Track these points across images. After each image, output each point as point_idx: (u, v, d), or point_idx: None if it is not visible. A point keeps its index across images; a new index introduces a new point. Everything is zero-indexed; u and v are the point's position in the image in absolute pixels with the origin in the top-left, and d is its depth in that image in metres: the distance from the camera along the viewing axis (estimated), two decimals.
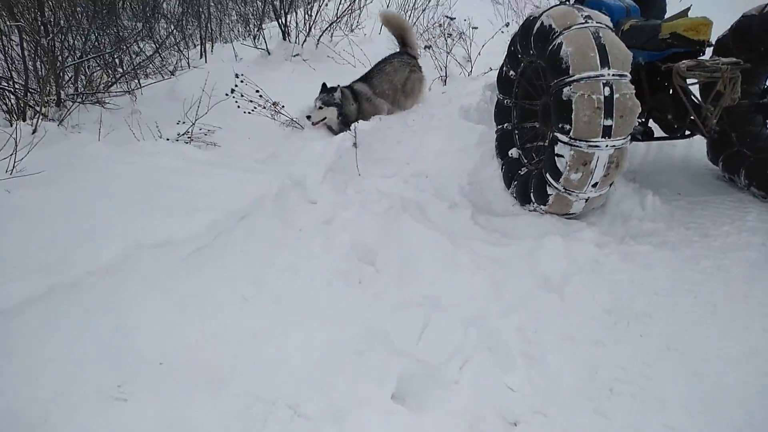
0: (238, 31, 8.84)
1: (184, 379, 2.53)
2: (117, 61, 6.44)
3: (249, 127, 5.22)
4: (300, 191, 4.12)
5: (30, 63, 5.27)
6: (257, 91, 5.27)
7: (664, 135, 4.48)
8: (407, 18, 7.88)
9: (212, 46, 7.59)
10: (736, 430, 2.41)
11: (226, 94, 5.19)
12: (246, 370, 2.60)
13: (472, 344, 2.79)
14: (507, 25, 6.81)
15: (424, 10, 7.97)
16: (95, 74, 6.09)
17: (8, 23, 5.65)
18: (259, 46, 7.13)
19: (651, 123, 4.52)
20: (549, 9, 3.90)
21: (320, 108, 5.29)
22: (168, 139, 4.86)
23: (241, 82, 5.29)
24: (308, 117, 5.29)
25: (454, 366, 2.64)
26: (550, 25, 3.72)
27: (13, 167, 3.78)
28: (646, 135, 4.48)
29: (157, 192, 3.83)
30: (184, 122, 5.11)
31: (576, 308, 3.09)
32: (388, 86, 5.72)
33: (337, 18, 7.37)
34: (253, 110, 5.25)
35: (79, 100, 5.46)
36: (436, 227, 3.76)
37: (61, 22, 5.59)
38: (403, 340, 2.75)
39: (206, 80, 5.43)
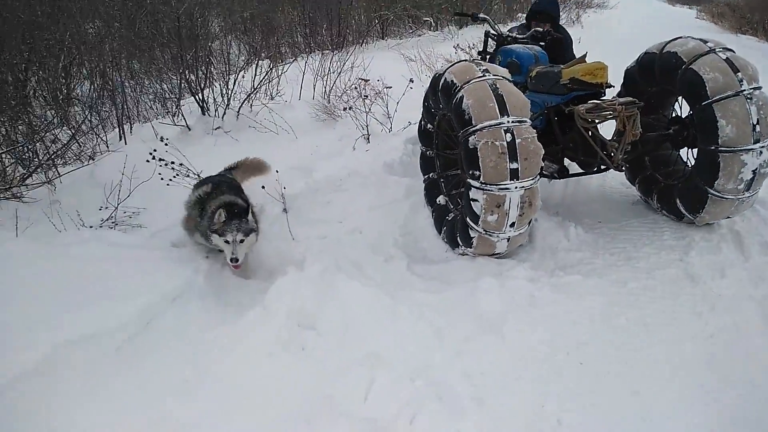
0: (157, 110, 8.78)
1: None
2: (31, 153, 6.24)
3: (175, 203, 5.12)
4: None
5: None
6: (180, 164, 5.21)
7: (579, 171, 4.75)
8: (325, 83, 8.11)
9: (131, 126, 7.49)
10: None
11: (147, 161, 5.07)
12: None
13: (421, 396, 2.78)
14: (411, 81, 7.12)
15: (339, 74, 8.23)
16: (8, 168, 5.87)
17: None
18: (178, 123, 7.12)
19: (567, 161, 4.80)
20: (452, 65, 4.15)
21: (242, 241, 3.76)
22: (91, 227, 4.70)
23: (166, 144, 5.26)
24: (234, 260, 3.74)
25: (403, 421, 2.62)
26: (452, 80, 3.96)
27: None
28: (562, 173, 4.75)
29: (84, 283, 3.65)
30: (106, 207, 4.98)
31: (517, 346, 3.16)
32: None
33: (255, 89, 7.48)
34: (175, 177, 5.10)
35: None
36: (373, 282, 3.79)
37: None
38: (349, 402, 2.71)
39: (125, 163, 5.34)
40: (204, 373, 3.11)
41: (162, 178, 5.04)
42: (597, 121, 4.26)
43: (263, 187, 4.74)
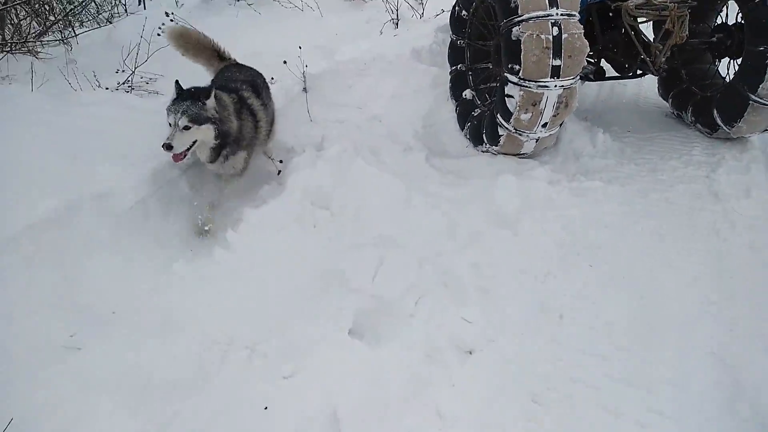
0: None
1: (137, 326, 2.48)
2: (47, 8, 6.01)
3: (192, 73, 4.98)
4: None
5: None
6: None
7: (615, 75, 4.52)
8: None
9: None
10: (677, 349, 2.53)
11: (158, 34, 4.89)
12: (201, 316, 2.55)
13: (428, 280, 2.81)
14: None
15: None
16: (24, 22, 5.69)
17: None
18: None
19: (603, 63, 4.55)
20: None
21: (186, 128, 3.05)
22: (107, 88, 4.61)
23: (171, 20, 5.02)
24: (167, 146, 3.00)
25: (409, 301, 2.67)
26: None
27: None
28: (598, 75, 4.51)
29: (99, 142, 3.64)
30: (123, 71, 4.86)
31: (528, 243, 3.15)
32: (271, 106, 3.86)
33: None
34: None
35: (8, 49, 5.10)
36: (390, 170, 3.73)
37: None
38: (358, 278, 2.74)
39: (144, 26, 5.13)
40: (213, 241, 3.16)
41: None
42: (645, 19, 3.97)
43: (285, 62, 4.57)
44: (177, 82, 3.25)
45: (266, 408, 2.14)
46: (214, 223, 3.28)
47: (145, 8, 6.65)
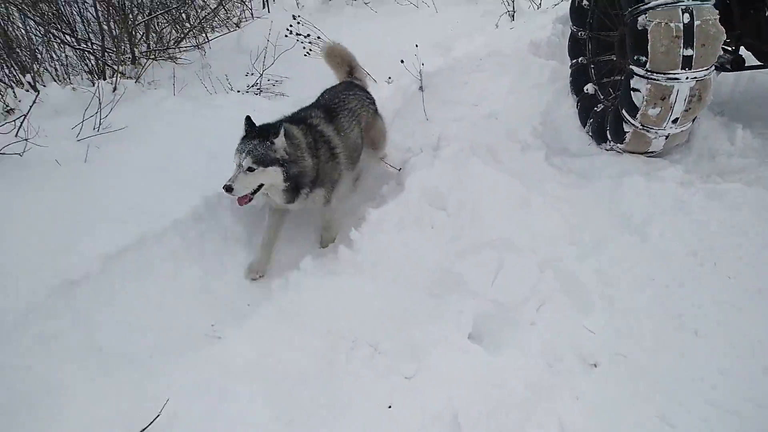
0: None
1: (270, 319, 2.66)
2: (184, 16, 6.54)
3: (315, 74, 5.20)
4: None
5: (104, 24, 5.44)
6: (318, 37, 5.23)
7: (757, 63, 4.12)
8: None
9: None
10: None
11: (285, 35, 5.17)
12: (327, 311, 2.69)
13: (549, 286, 2.76)
14: None
15: None
16: (165, 31, 6.23)
17: None
18: None
19: (742, 50, 4.16)
20: None
21: (250, 170, 2.90)
22: (238, 91, 4.95)
23: (298, 23, 5.26)
24: (227, 188, 2.87)
25: (530, 308, 2.64)
26: None
27: (99, 124, 3.98)
28: (736, 64, 4.13)
29: (232, 144, 3.93)
30: (252, 74, 5.18)
31: (658, 250, 2.98)
32: (356, 134, 3.57)
33: None
34: (309, 52, 5.20)
35: (152, 57, 5.62)
36: (508, 170, 3.68)
37: None
38: (477, 282, 2.76)
39: (270, 30, 5.42)
40: (338, 238, 3.30)
41: (304, 47, 5.13)
42: None
43: (402, 61, 4.64)
44: (248, 118, 3.06)
45: (390, 407, 2.23)
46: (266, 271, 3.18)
47: (269, 11, 7.00)
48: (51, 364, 2.47)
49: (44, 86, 4.78)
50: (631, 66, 3.45)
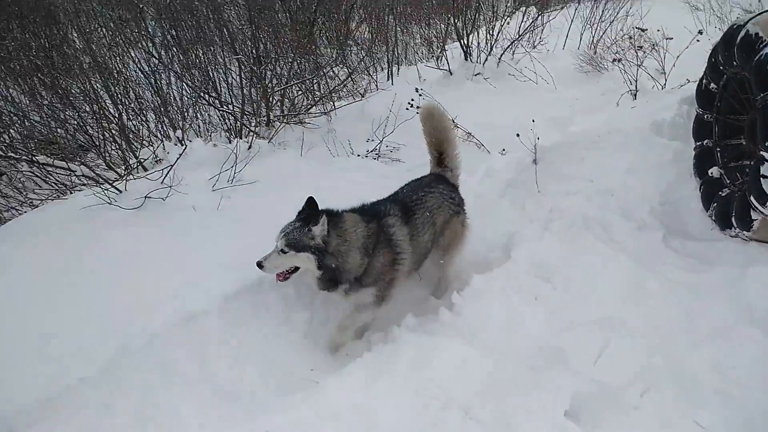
0: (422, 54, 9.27)
1: (368, 369, 2.74)
2: (315, 85, 7.16)
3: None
4: (479, 204, 4.20)
5: (246, 89, 6.11)
6: None
7: None
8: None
9: (398, 68, 8.07)
10: None
11: (407, 108, 5.48)
12: (421, 371, 2.72)
13: (657, 373, 2.62)
14: (700, 32, 6.22)
15: (611, 23, 7.63)
16: (297, 98, 6.85)
17: (229, 56, 6.62)
18: (441, 67, 7.42)
19: None
20: (756, 15, 3.54)
21: (282, 252, 2.94)
22: (359, 155, 5.29)
23: (420, 95, 5.55)
24: (259, 265, 2.95)
25: (634, 392, 2.51)
26: (757, 34, 3.38)
27: (233, 177, 4.43)
28: None
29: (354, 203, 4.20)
30: (372, 140, 5.53)
31: None
32: (429, 236, 3.38)
33: (519, 36, 7.38)
34: None
35: (285, 120, 6.18)
36: (621, 248, 3.58)
37: (272, 54, 6.40)
38: (579, 359, 2.68)
39: (393, 101, 5.79)
40: (441, 301, 3.36)
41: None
42: None
43: (518, 135, 4.74)
44: (311, 198, 3.06)
45: None
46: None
47: (392, 83, 7.47)
48: (169, 388, 2.72)
49: (190, 141, 5.41)
50: (762, 152, 3.30)
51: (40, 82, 6.38)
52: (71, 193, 4.67)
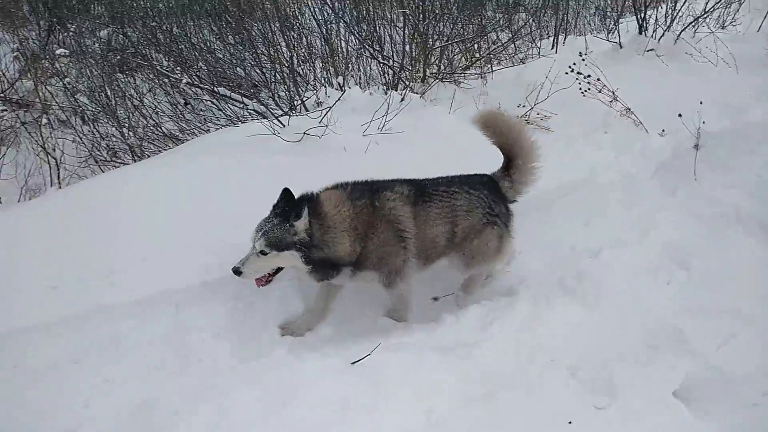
0: (594, 25, 8.81)
1: (484, 316, 2.88)
2: (476, 47, 7.17)
3: (584, 115, 5.28)
4: (625, 183, 4.07)
5: (408, 46, 6.31)
6: (598, 79, 5.29)
7: None
8: None
9: (565, 37, 7.76)
10: None
11: (566, 73, 5.33)
12: (533, 326, 2.80)
13: None
14: None
15: None
16: (456, 57, 6.92)
17: (396, 10, 6.85)
18: (611, 40, 7.03)
19: None
20: None
21: (263, 253, 2.63)
22: None
23: (583, 60, 5.39)
24: (235, 271, 2.64)
25: (755, 389, 2.39)
26: None
27: (383, 125, 4.68)
28: None
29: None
30: (524, 106, 5.47)
31: None
32: (441, 231, 2.97)
33: (705, 12, 6.73)
34: (587, 91, 5.27)
35: (440, 78, 6.31)
36: None
37: (436, 10, 6.51)
38: (700, 343, 2.59)
39: (551, 68, 5.64)
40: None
41: (580, 87, 5.25)
42: None
43: (680, 115, 4.45)
44: (286, 190, 2.63)
45: (570, 422, 2.26)
46: None
47: (557, 52, 7.23)
48: None
49: (349, 88, 5.75)
50: None
51: (227, 23, 7.11)
52: (242, 123, 5.24)
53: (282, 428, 2.17)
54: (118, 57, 7.24)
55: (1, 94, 6.70)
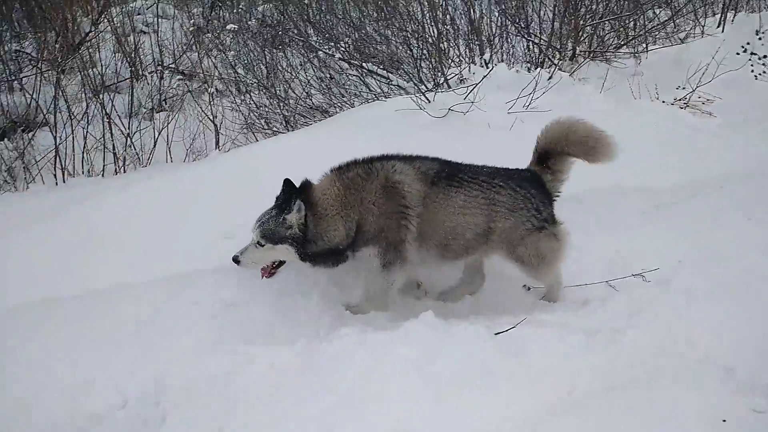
0: None
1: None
2: (631, 24, 6.75)
3: (755, 101, 4.83)
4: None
5: (556, 23, 6.10)
6: None
7: None
8: None
9: (735, 14, 7.05)
10: None
11: (737, 54, 4.89)
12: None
13: None
14: None
15: None
16: (608, 35, 6.58)
17: None
18: None
19: None
20: None
21: (259, 244, 2.61)
22: (663, 101, 4.98)
23: (760, 40, 4.91)
24: (234, 259, 2.65)
25: None
26: None
27: (529, 103, 4.61)
28: None
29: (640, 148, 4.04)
30: (684, 88, 5.12)
31: None
32: (465, 222, 2.75)
33: None
34: (761, 74, 4.80)
35: (590, 56, 6.06)
36: None
37: None
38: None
39: (718, 49, 5.20)
40: None
41: (752, 71, 4.79)
42: None
43: None
44: (286, 181, 2.61)
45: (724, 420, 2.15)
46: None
47: (722, 31, 6.62)
48: None
49: (495, 65, 5.69)
50: None
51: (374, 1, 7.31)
52: (386, 98, 5.41)
53: (424, 383, 2.27)
54: (272, 33, 7.74)
55: (172, 65, 7.45)
